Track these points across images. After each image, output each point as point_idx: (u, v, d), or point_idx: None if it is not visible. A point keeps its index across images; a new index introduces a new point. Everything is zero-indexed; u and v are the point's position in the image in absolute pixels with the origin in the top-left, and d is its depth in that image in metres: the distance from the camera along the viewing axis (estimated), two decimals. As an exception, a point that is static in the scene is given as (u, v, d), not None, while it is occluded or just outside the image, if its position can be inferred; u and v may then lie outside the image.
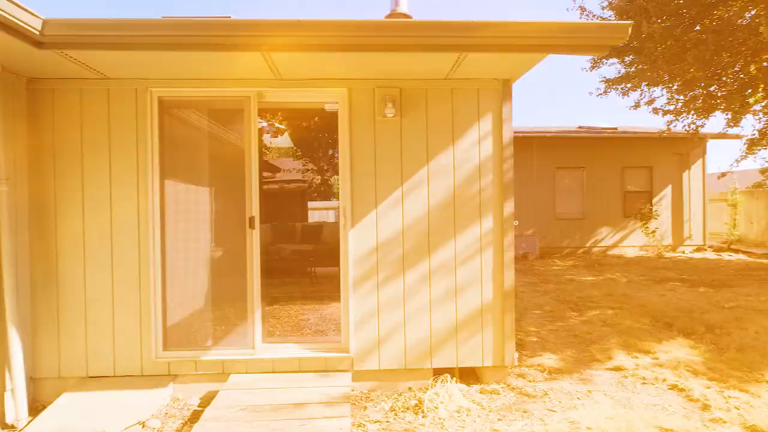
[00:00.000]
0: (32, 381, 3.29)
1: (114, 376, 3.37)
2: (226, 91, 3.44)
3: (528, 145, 12.63)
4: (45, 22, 2.50)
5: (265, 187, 12.97)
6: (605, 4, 11.05)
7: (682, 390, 3.34)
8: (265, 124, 11.14)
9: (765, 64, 9.15)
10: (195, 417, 3.02)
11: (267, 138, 12.09)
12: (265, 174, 13.20)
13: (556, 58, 2.90)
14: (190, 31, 2.57)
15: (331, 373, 3.43)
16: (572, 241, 12.77)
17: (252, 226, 3.45)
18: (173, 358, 3.39)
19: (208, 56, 2.90)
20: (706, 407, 3.06)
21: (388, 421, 2.93)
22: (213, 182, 3.69)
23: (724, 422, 2.84)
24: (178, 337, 3.51)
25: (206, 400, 3.26)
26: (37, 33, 2.48)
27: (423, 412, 3.01)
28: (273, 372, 3.45)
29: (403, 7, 4.13)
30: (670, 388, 3.41)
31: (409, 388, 3.45)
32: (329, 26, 2.60)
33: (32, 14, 2.42)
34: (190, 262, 3.59)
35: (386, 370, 3.47)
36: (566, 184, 12.97)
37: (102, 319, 3.36)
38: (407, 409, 3.09)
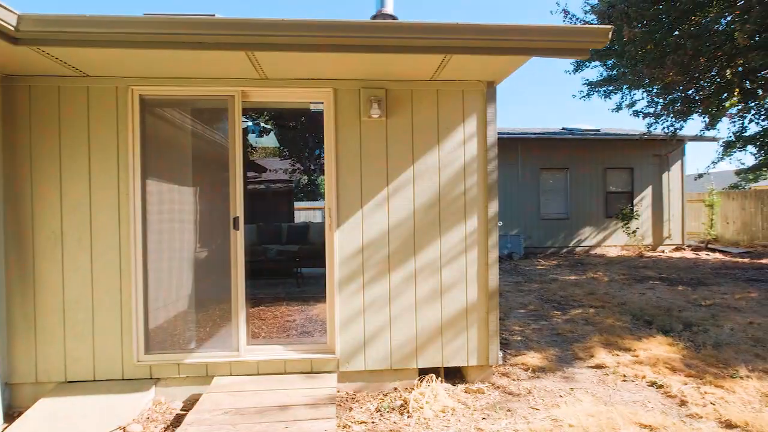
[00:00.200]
0: (7, 387, 3.20)
1: (94, 381, 3.30)
2: (209, 90, 3.39)
3: (513, 146, 12.80)
4: (21, 18, 2.43)
5: (250, 187, 12.85)
6: (588, 8, 11.28)
7: (660, 386, 3.43)
8: (250, 123, 11.04)
9: (740, 69, 9.44)
10: (178, 421, 2.97)
11: (253, 138, 11.99)
12: (251, 174, 13.08)
13: (540, 60, 2.93)
14: (172, 29, 2.53)
15: (317, 374, 3.42)
16: (556, 241, 12.97)
17: (236, 227, 3.42)
18: (155, 361, 3.34)
19: (191, 55, 2.86)
20: (683, 403, 3.14)
21: (373, 422, 2.94)
22: (197, 182, 3.64)
23: (701, 417, 2.92)
24: (160, 340, 3.45)
25: (190, 404, 3.22)
26: (13, 29, 2.42)
27: (408, 412, 3.02)
28: (258, 374, 3.42)
29: (389, 8, 4.14)
30: (649, 385, 3.49)
31: (395, 389, 3.46)
32: (314, 26, 2.59)
33: (7, 9, 2.35)
34: (173, 264, 3.53)
35: (372, 371, 3.47)
36: (550, 185, 13.17)
37: (81, 322, 3.28)
38: (393, 409, 3.10)
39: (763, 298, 6.42)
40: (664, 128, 11.51)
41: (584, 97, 12.32)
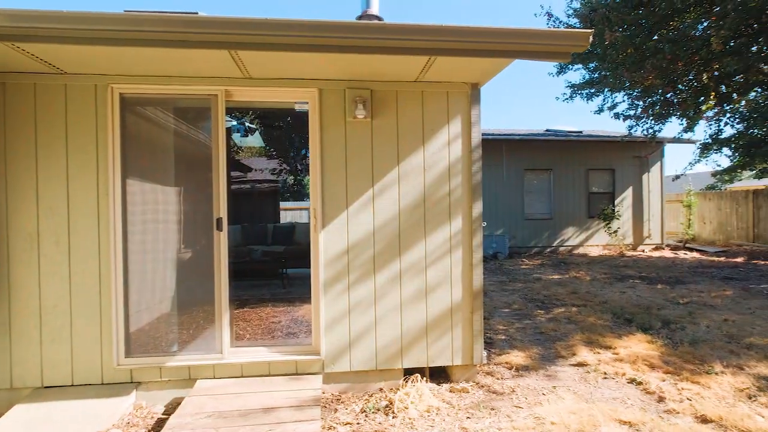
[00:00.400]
0: (-20, 393, 3.10)
1: (72, 386, 3.22)
2: (192, 88, 3.34)
3: (498, 147, 12.93)
4: (-6, 13, 2.36)
5: (235, 187, 12.70)
6: (570, 12, 11.46)
7: (640, 383, 3.51)
8: (235, 123, 10.93)
9: (716, 73, 9.72)
10: (159, 425, 2.92)
11: (237, 137, 11.87)
12: (237, 174, 12.93)
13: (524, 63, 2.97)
14: (152, 27, 2.48)
15: (302, 375, 3.40)
16: (540, 241, 13.16)
17: (219, 228, 3.38)
18: (136, 365, 3.27)
19: (173, 53, 2.82)
20: (661, 399, 3.22)
21: (358, 423, 2.93)
22: (179, 182, 3.58)
23: (678, 413, 3.00)
24: (142, 343, 3.39)
25: (172, 407, 3.17)
26: (-15, 24, 2.35)
27: (393, 412, 3.02)
28: (242, 376, 3.38)
29: (375, 9, 4.15)
30: (629, 382, 3.57)
31: (380, 389, 3.47)
32: (298, 26, 2.57)
33: (-21, 4, 2.28)
34: (155, 266, 3.47)
35: (357, 372, 3.47)
36: (535, 186, 13.36)
37: (59, 325, 3.20)
38: (378, 410, 3.10)
39: (737, 296, 6.63)
40: (643, 130, 11.78)
41: (567, 99, 12.53)
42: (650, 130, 11.66)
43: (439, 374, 3.67)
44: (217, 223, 3.38)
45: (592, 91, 11.98)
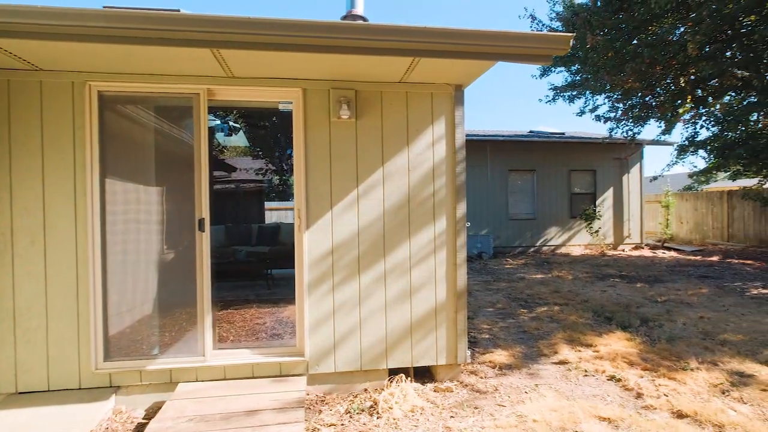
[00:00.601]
0: (-50, 400, 3.00)
1: (48, 391, 3.14)
2: (173, 87, 3.29)
3: (482, 148, 13.07)
4: (-36, 7, 2.28)
5: (219, 187, 12.55)
6: (553, 15, 11.65)
7: (619, 380, 3.59)
8: (219, 122, 10.78)
9: (692, 77, 10.00)
10: (139, 430, 2.87)
11: (221, 137, 11.72)
12: (221, 174, 12.77)
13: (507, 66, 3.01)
14: (131, 24, 2.43)
15: (286, 377, 3.38)
16: (524, 241, 13.33)
17: (201, 228, 3.33)
18: (115, 369, 3.20)
19: (154, 51, 2.77)
20: (639, 395, 3.30)
21: (342, 424, 2.93)
22: (160, 182, 3.52)
23: (655, 409, 3.08)
24: (122, 346, 3.31)
25: (152, 412, 3.11)
26: (-45, 18, 2.27)
27: (378, 413, 3.03)
28: (225, 379, 3.34)
29: (360, 9, 4.14)
30: (608, 379, 3.64)
31: (365, 390, 3.47)
32: (281, 26, 2.55)
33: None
34: (135, 267, 3.39)
35: (342, 373, 3.46)
36: (518, 186, 13.53)
37: (34, 327, 3.11)
38: (362, 410, 3.10)
39: (712, 294, 6.83)
40: (623, 132, 12.06)
41: (550, 101, 12.74)
42: (630, 132, 11.94)
43: (423, 374, 3.69)
44: (200, 223, 3.33)
45: (574, 93, 12.20)
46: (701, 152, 10.86)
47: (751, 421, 2.85)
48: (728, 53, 9.39)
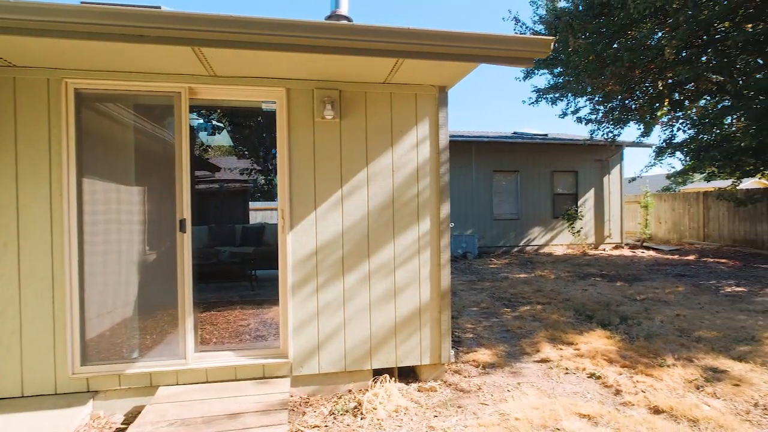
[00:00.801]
0: None
1: (23, 397, 3.04)
2: (154, 85, 3.23)
3: (467, 149, 13.18)
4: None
5: (203, 186, 12.36)
6: (536, 18, 11.82)
7: (599, 378, 3.66)
8: (202, 121, 10.62)
9: (670, 81, 10.27)
10: (117, 435, 2.81)
11: (204, 135, 11.54)
12: (204, 173, 12.58)
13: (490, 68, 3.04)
14: (109, 20, 2.38)
15: (270, 379, 3.35)
16: (508, 240, 13.50)
17: (183, 229, 3.28)
18: (93, 373, 3.13)
19: (133, 48, 2.71)
20: (618, 392, 3.38)
21: (326, 426, 2.92)
22: (140, 182, 3.44)
23: (633, 405, 3.16)
24: (100, 350, 3.24)
25: (132, 417, 3.05)
26: None
27: (362, 413, 3.03)
28: (207, 382, 3.30)
29: (344, 9, 4.13)
30: (589, 376, 3.72)
31: (350, 390, 3.46)
32: (264, 24, 2.53)
33: None
34: (114, 269, 3.32)
35: (326, 374, 3.45)
36: (503, 187, 13.69)
37: (7, 332, 3.01)
38: (346, 411, 3.10)
39: (688, 292, 7.03)
40: (604, 134, 12.32)
41: (533, 103, 12.94)
42: (610, 134, 12.21)
43: (408, 374, 3.70)
44: (181, 224, 3.28)
45: (557, 95, 12.41)
46: (678, 154, 11.18)
47: (724, 416, 2.94)
48: (704, 58, 9.68)
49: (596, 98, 11.75)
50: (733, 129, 9.75)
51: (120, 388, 3.17)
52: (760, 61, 9.52)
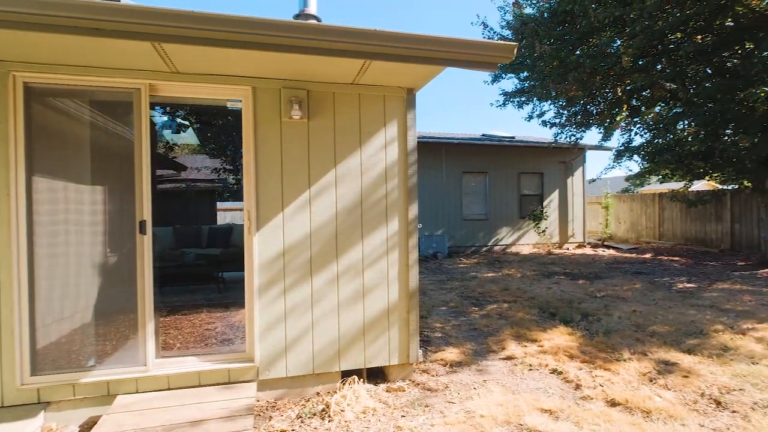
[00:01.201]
0: None
1: (-37, 411, 2.85)
2: (111, 81, 3.09)
3: (438, 150, 13.34)
4: None
5: (168, 186, 11.95)
6: (504, 24, 12.10)
7: (560, 373, 3.79)
8: (166, 118, 10.26)
9: (628, 87, 10.77)
10: (71, 448, 2.67)
11: (169, 133, 11.15)
12: (169, 172, 12.15)
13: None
14: (59, 11, 2.26)
15: (235, 384, 3.28)
16: (477, 240, 13.76)
17: (143, 231, 3.16)
18: (45, 383, 2.96)
19: (87, 42, 2.59)
20: (578, 387, 3.51)
21: (293, 429, 2.89)
22: (98, 181, 3.29)
23: (591, 399, 3.29)
24: (53, 358, 3.07)
25: (87, 427, 2.92)
26: None
27: (330, 416, 3.01)
28: (169, 389, 3.19)
29: (313, 9, 4.10)
30: (551, 372, 3.84)
31: (318, 393, 3.44)
32: (227, 21, 2.48)
33: None
34: (69, 272, 3.15)
35: (294, 377, 3.41)
36: (472, 188, 13.94)
37: (-55, 343, 2.81)
38: (314, 414, 3.07)
39: (644, 289, 7.39)
40: (567, 137, 12.77)
41: (500, 106, 13.22)
42: (573, 138, 12.67)
43: (377, 375, 3.71)
44: (140, 225, 3.16)
45: (523, 99, 12.75)
46: (635, 157, 11.72)
47: (674, 406, 3.11)
48: (658, 66, 10.20)
49: (560, 102, 12.16)
50: (685, 134, 10.33)
51: (74, 398, 3.02)
52: (709, 71, 10.15)
